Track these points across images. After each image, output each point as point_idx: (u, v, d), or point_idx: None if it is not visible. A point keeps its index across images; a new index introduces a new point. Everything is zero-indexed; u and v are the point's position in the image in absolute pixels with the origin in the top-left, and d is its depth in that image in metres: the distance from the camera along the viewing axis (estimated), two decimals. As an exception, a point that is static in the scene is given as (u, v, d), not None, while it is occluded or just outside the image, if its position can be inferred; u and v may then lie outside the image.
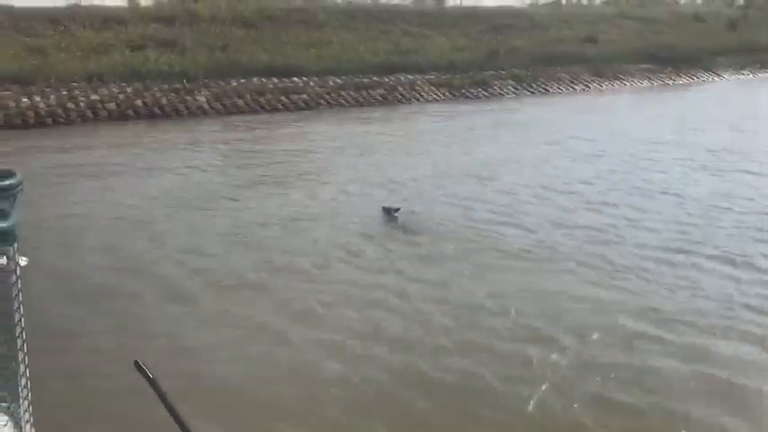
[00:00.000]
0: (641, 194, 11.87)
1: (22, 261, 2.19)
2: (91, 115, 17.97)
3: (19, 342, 2.27)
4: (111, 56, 20.89)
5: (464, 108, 21.97)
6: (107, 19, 23.85)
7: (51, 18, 23.25)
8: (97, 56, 20.77)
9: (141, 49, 21.76)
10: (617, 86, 27.31)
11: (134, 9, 25.54)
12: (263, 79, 21.58)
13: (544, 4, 37.69)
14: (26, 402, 2.41)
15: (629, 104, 25.00)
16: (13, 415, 2.42)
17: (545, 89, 25.59)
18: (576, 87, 26.38)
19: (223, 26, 24.68)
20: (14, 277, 2.18)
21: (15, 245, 2.12)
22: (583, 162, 14.52)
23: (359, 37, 26.41)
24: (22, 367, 2.32)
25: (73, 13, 24.09)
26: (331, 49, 24.62)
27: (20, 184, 2.24)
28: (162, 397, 2.42)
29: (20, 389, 2.36)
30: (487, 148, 16.09)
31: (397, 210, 10.16)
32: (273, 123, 18.82)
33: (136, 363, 2.57)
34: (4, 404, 2.42)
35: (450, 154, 15.25)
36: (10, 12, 23.01)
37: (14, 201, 2.22)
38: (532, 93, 25.10)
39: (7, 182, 2.20)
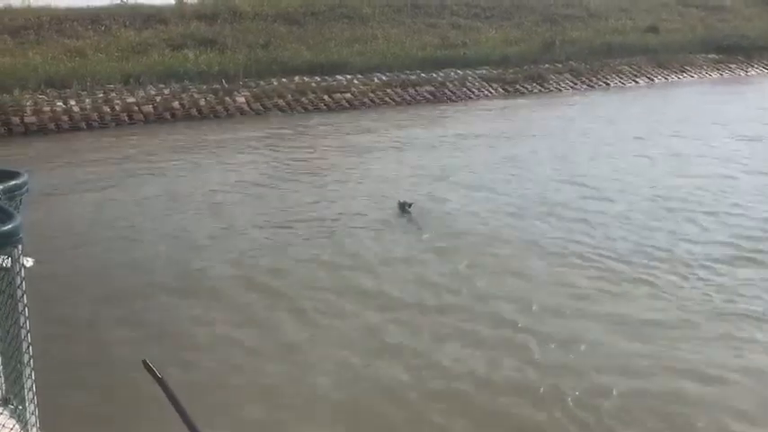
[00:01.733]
0: None
1: (28, 262, 2.13)
2: (126, 119, 17.27)
3: (24, 344, 2.23)
4: (150, 56, 20.26)
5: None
6: (149, 18, 23.36)
7: (93, 18, 22.89)
8: (136, 56, 20.18)
9: (181, 49, 21.11)
10: (684, 79, 25.34)
11: (181, 7, 24.93)
12: (305, 78, 20.61)
13: (600, -7, 35.68)
14: (32, 405, 2.36)
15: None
16: (20, 417, 2.38)
17: (605, 83, 23.90)
18: (639, 81, 24.54)
19: (266, 23, 23.95)
20: (19, 279, 2.13)
21: (20, 246, 2.06)
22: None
23: (405, 31, 25.24)
24: (27, 370, 2.28)
25: (115, 13, 23.67)
26: (376, 45, 23.50)
27: (25, 184, 2.21)
28: (170, 396, 2.36)
29: (25, 390, 2.32)
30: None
31: (410, 205, 10.61)
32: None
33: (144, 362, 2.49)
34: (11, 406, 2.40)
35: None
36: (53, 13, 22.71)
37: (20, 202, 2.20)
38: (592, 87, 23.46)
39: (12, 182, 2.16)
